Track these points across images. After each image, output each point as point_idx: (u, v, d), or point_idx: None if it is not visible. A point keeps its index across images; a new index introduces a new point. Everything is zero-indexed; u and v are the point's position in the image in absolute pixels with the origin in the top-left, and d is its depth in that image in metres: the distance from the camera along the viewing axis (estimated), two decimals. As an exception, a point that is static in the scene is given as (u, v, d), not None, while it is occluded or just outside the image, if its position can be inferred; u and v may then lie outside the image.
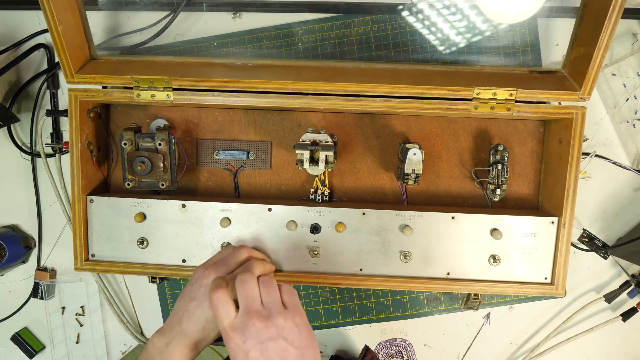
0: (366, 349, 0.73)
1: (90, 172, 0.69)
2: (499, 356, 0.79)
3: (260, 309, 0.50)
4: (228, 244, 0.67)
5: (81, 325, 0.81)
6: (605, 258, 0.77)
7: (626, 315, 0.75)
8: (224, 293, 0.51)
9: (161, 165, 0.67)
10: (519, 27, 0.74)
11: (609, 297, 0.75)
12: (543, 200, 0.71)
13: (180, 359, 0.55)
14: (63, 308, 0.81)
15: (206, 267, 0.59)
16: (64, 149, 0.76)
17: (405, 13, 0.74)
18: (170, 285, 0.79)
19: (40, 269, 0.80)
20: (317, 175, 0.71)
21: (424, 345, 0.79)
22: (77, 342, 0.82)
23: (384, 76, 0.67)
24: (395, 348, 0.79)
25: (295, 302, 0.51)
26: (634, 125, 0.74)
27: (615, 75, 0.74)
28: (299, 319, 0.49)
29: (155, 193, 0.72)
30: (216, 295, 0.50)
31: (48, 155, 0.78)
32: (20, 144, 0.80)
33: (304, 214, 0.67)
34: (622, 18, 0.56)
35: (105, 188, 0.74)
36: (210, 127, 0.73)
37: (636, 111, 0.74)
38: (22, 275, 0.81)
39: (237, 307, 0.50)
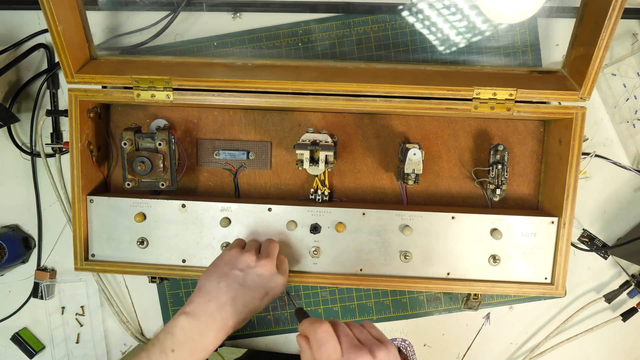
0: None
1: (90, 172, 0.69)
2: (499, 356, 0.79)
3: (361, 345, 0.48)
4: (228, 244, 0.67)
5: (81, 325, 0.81)
6: (605, 258, 0.77)
7: (626, 315, 0.75)
8: (329, 327, 0.47)
9: (161, 165, 0.67)
10: (519, 27, 0.74)
11: (609, 297, 0.75)
12: (543, 200, 0.71)
13: (212, 350, 0.52)
14: (63, 308, 0.81)
15: (260, 257, 0.58)
16: (64, 149, 0.76)
17: (405, 13, 0.74)
18: (170, 285, 0.79)
19: (40, 269, 0.80)
20: (317, 175, 0.71)
21: (424, 345, 0.79)
22: (77, 342, 0.81)
23: (384, 76, 0.67)
24: (395, 348, 0.79)
25: (384, 336, 0.51)
26: (634, 125, 0.74)
27: (615, 75, 0.74)
28: (393, 350, 0.48)
29: (155, 193, 0.72)
30: (322, 329, 0.47)
31: (48, 155, 0.78)
32: (20, 144, 0.80)
33: (304, 214, 0.67)
34: (622, 18, 0.56)
35: (105, 188, 0.74)
36: (210, 127, 0.73)
37: (636, 111, 0.74)
38: (22, 275, 0.81)
39: None
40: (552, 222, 0.66)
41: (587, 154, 0.74)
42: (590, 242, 0.77)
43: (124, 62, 0.70)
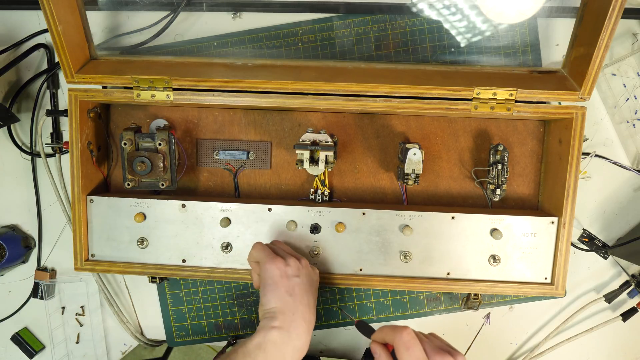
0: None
1: (90, 172, 0.70)
2: (499, 356, 0.79)
3: (442, 349, 0.51)
4: (228, 244, 0.67)
5: (81, 325, 0.81)
6: (605, 258, 0.77)
7: (626, 315, 0.75)
8: (413, 332, 0.52)
9: (161, 165, 0.67)
10: (519, 27, 0.74)
11: (609, 297, 0.75)
12: (543, 200, 0.71)
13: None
14: (63, 308, 0.81)
15: (299, 258, 0.63)
16: (64, 149, 0.76)
17: (405, 13, 0.74)
18: (170, 285, 0.79)
19: (40, 269, 0.80)
20: (317, 175, 0.71)
21: (424, 345, 0.79)
22: (77, 342, 0.82)
23: (384, 76, 0.67)
24: (395, 348, 0.79)
25: (447, 342, 0.55)
26: (634, 125, 0.74)
27: (615, 75, 0.74)
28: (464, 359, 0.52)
29: (155, 193, 0.72)
30: (407, 332, 0.51)
31: (48, 155, 0.78)
32: (20, 144, 0.80)
33: (304, 214, 0.67)
34: (622, 18, 0.56)
35: (105, 188, 0.74)
36: (210, 127, 0.73)
37: (636, 111, 0.74)
38: (22, 275, 0.81)
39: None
40: (552, 222, 0.66)
41: (587, 154, 0.74)
42: (590, 242, 0.77)
43: (124, 62, 0.70)
